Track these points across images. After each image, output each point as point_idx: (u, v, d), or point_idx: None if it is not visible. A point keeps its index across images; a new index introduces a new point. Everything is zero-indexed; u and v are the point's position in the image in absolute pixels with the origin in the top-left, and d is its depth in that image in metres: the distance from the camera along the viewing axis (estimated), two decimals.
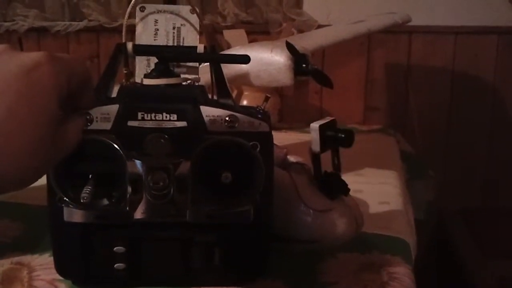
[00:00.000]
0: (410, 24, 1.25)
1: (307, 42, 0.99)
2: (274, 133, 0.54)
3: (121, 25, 1.53)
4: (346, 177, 0.64)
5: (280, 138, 1.25)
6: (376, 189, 0.90)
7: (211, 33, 1.52)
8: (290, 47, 0.89)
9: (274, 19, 1.55)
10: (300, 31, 1.51)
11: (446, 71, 1.55)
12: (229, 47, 1.46)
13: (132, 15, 0.67)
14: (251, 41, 1.48)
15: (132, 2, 0.63)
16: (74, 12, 1.59)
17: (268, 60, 0.89)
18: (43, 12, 1.58)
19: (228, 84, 0.57)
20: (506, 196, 1.56)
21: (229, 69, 0.77)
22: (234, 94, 1.30)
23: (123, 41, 0.61)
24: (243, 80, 0.92)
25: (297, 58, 0.89)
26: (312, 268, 0.61)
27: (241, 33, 1.50)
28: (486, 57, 1.53)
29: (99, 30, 1.58)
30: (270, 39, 1.47)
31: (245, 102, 1.33)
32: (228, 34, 1.49)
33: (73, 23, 1.58)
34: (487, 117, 1.55)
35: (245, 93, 1.36)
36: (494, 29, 1.51)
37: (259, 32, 1.54)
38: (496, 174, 1.56)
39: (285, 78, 0.89)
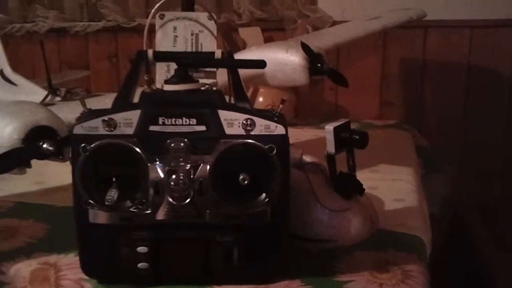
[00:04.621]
0: (425, 18, 1.25)
1: (321, 41, 1.00)
2: (290, 129, 0.56)
3: (139, 24, 1.54)
4: (361, 174, 0.65)
5: (296, 134, 1.26)
6: (391, 186, 0.90)
7: (227, 32, 1.53)
8: (305, 47, 0.90)
9: (289, 16, 1.56)
10: (315, 27, 1.52)
11: (462, 65, 1.55)
12: (244, 44, 1.47)
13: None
14: (266, 38, 1.49)
15: (153, 10, 0.64)
16: (93, 13, 1.61)
17: (283, 60, 0.91)
18: (63, 13, 1.60)
19: (244, 83, 0.59)
20: None
21: (245, 70, 0.79)
22: (250, 91, 1.31)
23: (144, 47, 0.63)
24: (259, 80, 0.94)
25: (312, 57, 0.91)
26: (328, 267, 0.62)
27: (256, 30, 1.51)
28: (503, 51, 1.52)
29: (117, 30, 1.60)
30: (285, 36, 1.48)
31: (260, 99, 1.35)
32: (243, 32, 1.50)
33: (91, 23, 1.60)
34: (504, 111, 1.55)
35: (261, 90, 1.38)
36: (510, 22, 1.50)
37: (274, 29, 1.55)
38: None
39: (301, 77, 0.90)
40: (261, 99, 1.35)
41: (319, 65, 0.91)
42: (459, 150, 1.57)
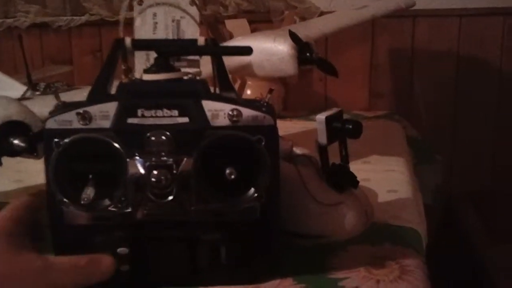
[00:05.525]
0: (414, 7, 1.23)
1: (310, 30, 0.98)
2: (279, 122, 0.53)
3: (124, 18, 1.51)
4: (353, 165, 0.62)
5: (285, 127, 1.24)
6: (384, 177, 0.88)
7: (213, 24, 1.50)
8: (293, 36, 0.87)
9: (276, 7, 1.53)
10: (303, 18, 1.50)
11: (451, 55, 1.53)
12: (231, 37, 1.44)
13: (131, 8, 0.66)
14: (253, 30, 1.47)
15: None
16: (75, 7, 1.58)
17: (271, 50, 0.88)
18: (45, 8, 1.57)
19: (230, 75, 0.56)
20: None
21: (231, 60, 0.76)
22: (237, 84, 1.29)
23: (121, 36, 0.60)
24: (246, 71, 0.91)
25: (301, 47, 0.88)
26: (322, 263, 0.59)
27: (243, 22, 1.48)
28: (492, 39, 1.51)
29: (101, 24, 1.57)
30: (273, 28, 1.45)
31: (249, 92, 1.32)
32: (230, 24, 1.47)
33: (74, 17, 1.57)
34: (494, 99, 1.53)
35: (249, 82, 1.35)
36: (499, 10, 1.49)
37: (261, 21, 1.52)
38: (504, 157, 1.55)
39: (289, 67, 0.88)
40: (249, 91, 1.32)
41: (307, 54, 0.89)
42: (450, 139, 1.55)
